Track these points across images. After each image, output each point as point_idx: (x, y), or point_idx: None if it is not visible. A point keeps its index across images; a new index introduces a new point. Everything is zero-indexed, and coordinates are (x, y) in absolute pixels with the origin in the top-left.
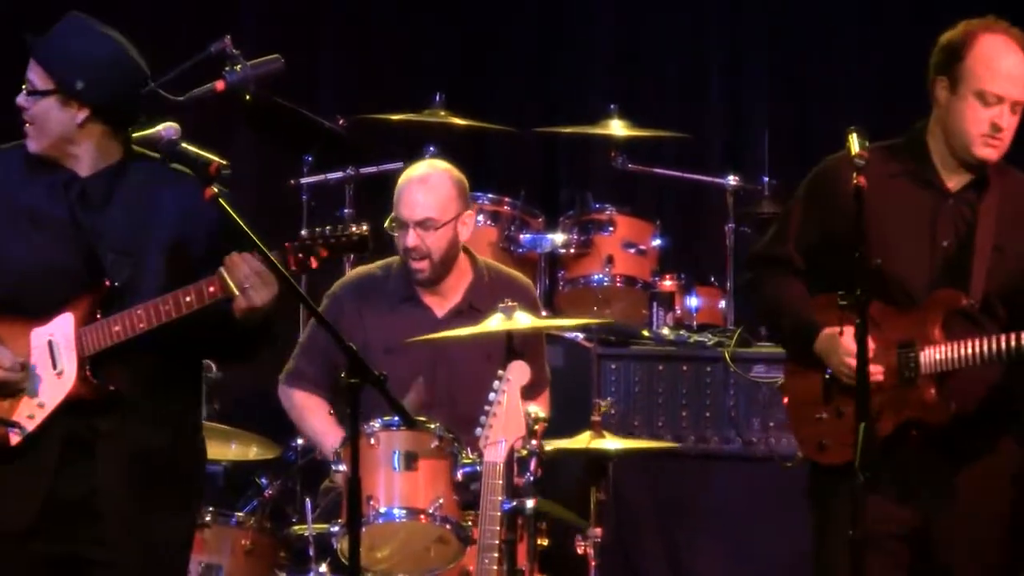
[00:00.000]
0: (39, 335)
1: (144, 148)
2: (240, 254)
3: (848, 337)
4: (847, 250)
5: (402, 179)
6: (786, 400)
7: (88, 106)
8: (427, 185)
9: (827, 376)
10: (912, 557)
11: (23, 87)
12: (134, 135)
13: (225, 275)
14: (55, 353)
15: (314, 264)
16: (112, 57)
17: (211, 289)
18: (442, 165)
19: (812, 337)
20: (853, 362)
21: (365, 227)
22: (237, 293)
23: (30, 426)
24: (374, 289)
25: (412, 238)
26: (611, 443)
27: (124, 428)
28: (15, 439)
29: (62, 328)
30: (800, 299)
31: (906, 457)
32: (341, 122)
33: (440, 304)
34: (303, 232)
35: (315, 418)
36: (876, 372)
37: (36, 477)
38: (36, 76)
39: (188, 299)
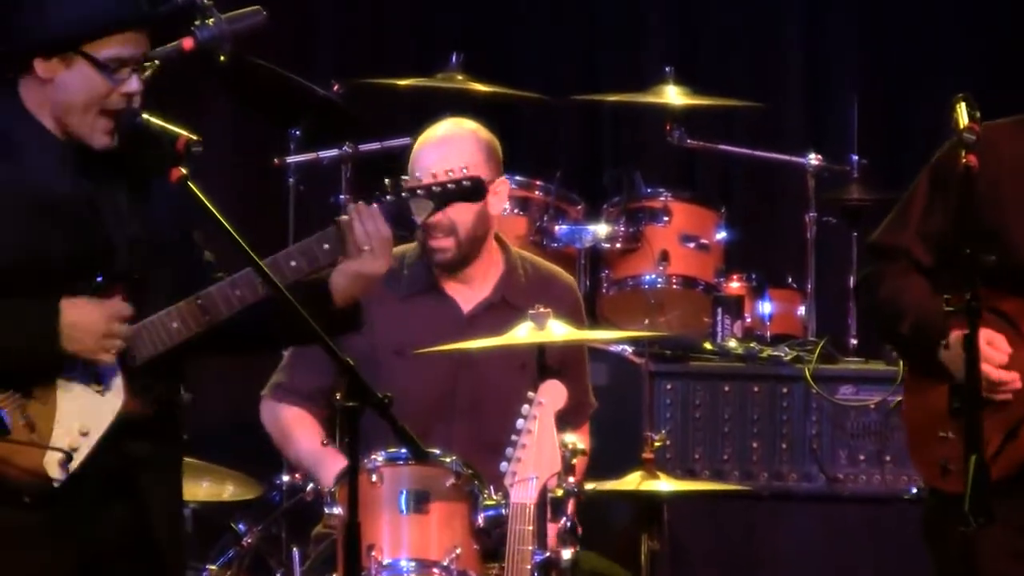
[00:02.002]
0: None
1: None
2: (367, 206)
3: (984, 341)
4: (994, 236)
5: (418, 142)
6: (905, 422)
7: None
8: (448, 145)
9: (954, 387)
10: None
11: (134, 68)
12: None
13: (347, 229)
14: (89, 366)
15: (418, 220)
16: None
17: (325, 247)
18: (467, 124)
19: (938, 343)
20: (991, 371)
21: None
22: (354, 253)
23: (75, 461)
24: (386, 279)
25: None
26: (666, 485)
27: (157, 453)
28: (61, 474)
29: None
30: (923, 298)
31: None
32: (337, 88)
33: (466, 297)
34: (404, 179)
35: (306, 439)
36: (1013, 380)
37: (73, 524)
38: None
39: (294, 264)
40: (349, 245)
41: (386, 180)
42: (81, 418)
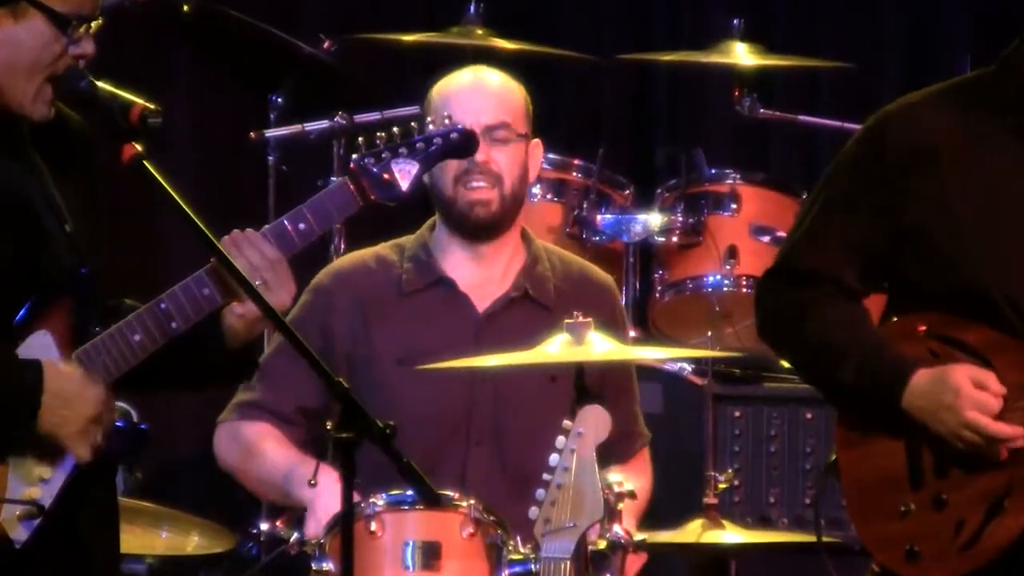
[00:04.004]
0: None
1: None
2: (241, 233)
3: (965, 378)
4: (943, 247)
5: (447, 87)
6: (845, 487)
7: None
8: (495, 86)
9: (914, 446)
10: None
11: (88, 27)
12: None
13: (229, 267)
14: None
15: (403, 186)
16: None
17: (205, 292)
18: (500, 72)
19: (901, 384)
20: (990, 424)
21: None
22: (250, 289)
23: (39, 516)
24: (383, 276)
25: (481, 150)
26: (734, 536)
27: (95, 492)
28: (23, 534)
29: (40, 357)
30: (869, 333)
31: None
32: (327, 45)
33: (482, 291)
34: (379, 136)
35: (275, 451)
36: (1019, 435)
37: None
38: None
39: (175, 324)
40: (235, 285)
41: (359, 139)
42: (38, 461)
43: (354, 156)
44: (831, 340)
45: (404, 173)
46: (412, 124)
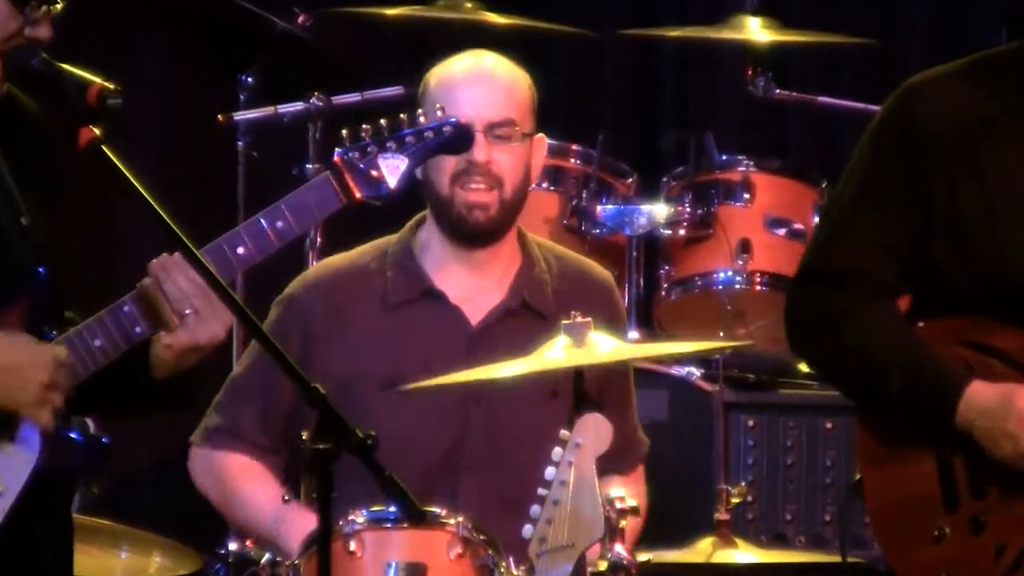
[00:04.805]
0: None
1: None
2: (170, 257)
3: None
4: (977, 237)
5: (446, 75)
6: (871, 508)
7: None
8: (501, 77)
9: (947, 463)
10: None
11: (49, 9)
12: None
13: (155, 295)
14: None
15: (392, 184)
16: None
17: (137, 330)
18: (503, 59)
19: (955, 397)
20: None
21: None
22: (174, 324)
23: None
24: (363, 286)
25: (482, 149)
26: (747, 555)
27: (61, 510)
28: None
29: None
30: (915, 337)
31: None
32: (302, 19)
33: (474, 302)
34: (364, 128)
35: (259, 495)
36: None
37: None
38: None
39: (99, 343)
40: (165, 315)
41: (343, 131)
42: None
43: (337, 149)
44: (872, 347)
45: (392, 169)
46: (401, 116)
